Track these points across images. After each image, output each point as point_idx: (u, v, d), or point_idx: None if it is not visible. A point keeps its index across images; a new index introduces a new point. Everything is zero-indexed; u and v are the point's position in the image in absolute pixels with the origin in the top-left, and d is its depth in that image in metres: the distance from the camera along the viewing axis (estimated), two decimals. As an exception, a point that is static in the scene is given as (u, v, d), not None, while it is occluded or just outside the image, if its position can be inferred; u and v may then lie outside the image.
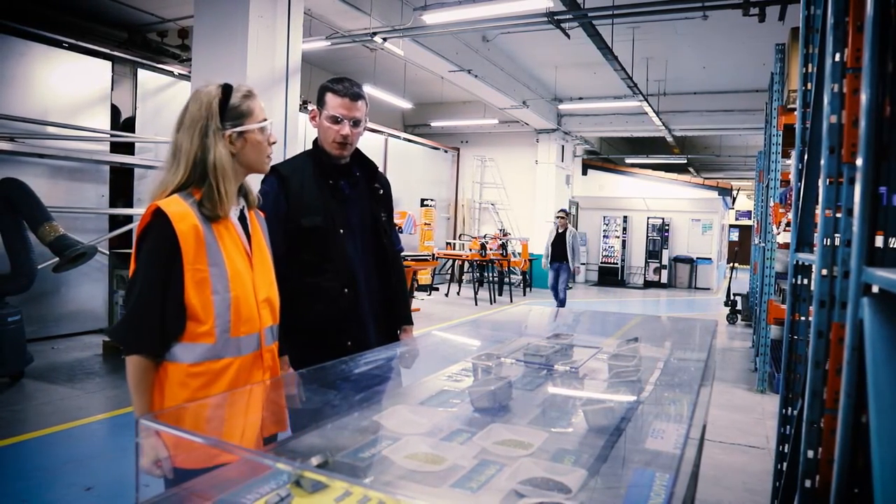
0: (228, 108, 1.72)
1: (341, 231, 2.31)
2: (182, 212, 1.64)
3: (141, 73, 8.32)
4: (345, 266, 2.30)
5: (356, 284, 2.32)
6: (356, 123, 2.30)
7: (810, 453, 1.86)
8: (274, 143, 1.82)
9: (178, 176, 1.69)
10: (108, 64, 8.01)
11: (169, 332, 1.64)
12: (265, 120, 1.78)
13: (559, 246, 10.49)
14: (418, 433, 1.61)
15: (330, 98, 2.28)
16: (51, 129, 7.37)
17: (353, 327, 2.34)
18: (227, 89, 1.74)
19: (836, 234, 1.85)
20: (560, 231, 10.58)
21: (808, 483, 1.86)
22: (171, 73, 8.66)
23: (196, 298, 1.64)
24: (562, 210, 11.07)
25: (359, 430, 1.71)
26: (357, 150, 2.42)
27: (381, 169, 2.55)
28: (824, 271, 1.85)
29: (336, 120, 2.27)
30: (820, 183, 1.99)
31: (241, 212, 1.82)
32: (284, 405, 1.87)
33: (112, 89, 8.04)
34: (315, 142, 2.40)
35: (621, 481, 1.41)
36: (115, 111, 8.24)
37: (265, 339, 1.81)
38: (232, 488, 1.28)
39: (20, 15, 7.33)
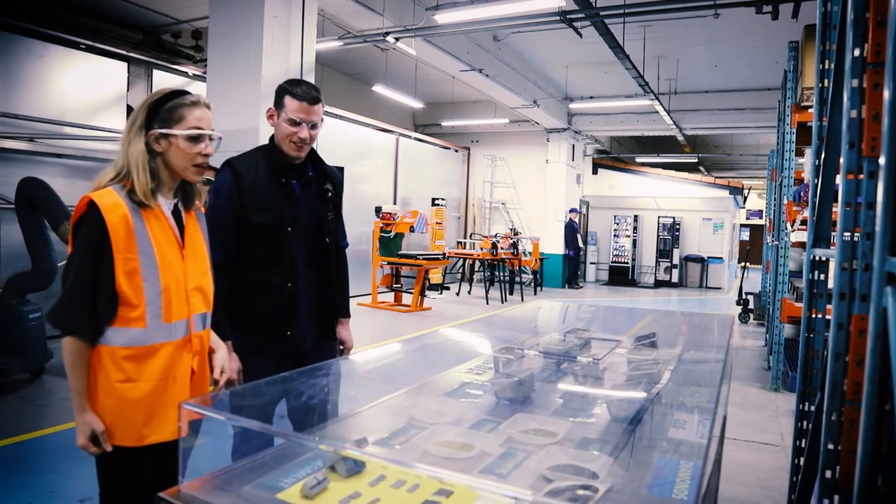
0: (161, 110, 1.82)
1: (289, 229, 2.43)
2: (113, 203, 1.73)
3: (156, 73, 8.41)
4: (289, 262, 2.43)
5: (297, 279, 2.45)
6: (313, 126, 2.40)
7: (830, 445, 1.88)
8: (206, 154, 1.88)
9: (116, 166, 1.81)
10: (124, 65, 8.10)
11: (101, 317, 1.74)
12: (192, 129, 1.83)
13: None
14: (445, 422, 1.65)
15: (289, 101, 2.36)
16: (68, 130, 7.46)
17: (293, 318, 2.46)
18: (170, 94, 1.85)
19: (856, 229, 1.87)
20: None
21: (828, 474, 1.88)
22: (185, 74, 8.74)
23: (127, 285, 1.74)
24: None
25: (386, 420, 1.75)
26: (312, 151, 2.53)
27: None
28: (844, 264, 1.87)
29: (295, 123, 2.36)
30: (839, 178, 2.01)
31: (176, 207, 1.92)
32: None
33: (128, 90, 8.13)
34: (272, 139, 2.48)
35: (647, 468, 1.44)
36: (130, 112, 8.32)
37: (194, 325, 1.91)
38: (270, 472, 1.32)
39: (38, 17, 7.43)
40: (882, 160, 1.29)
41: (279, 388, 1.86)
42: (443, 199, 14.60)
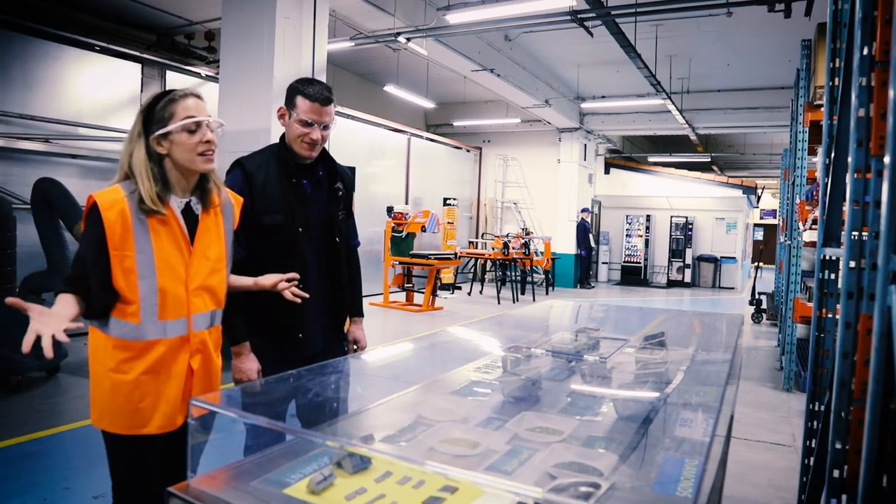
0: (154, 114, 1.84)
1: (300, 230, 2.40)
2: (112, 200, 1.77)
3: (169, 74, 8.49)
4: (300, 263, 2.37)
5: (308, 281, 2.39)
6: (325, 127, 2.36)
7: (838, 444, 1.88)
8: (206, 141, 1.85)
9: (119, 172, 1.86)
10: (138, 66, 8.19)
11: (97, 301, 1.78)
12: (186, 118, 1.82)
13: None
14: (452, 420, 1.66)
15: (300, 101, 2.32)
16: (83, 131, 7.55)
17: (304, 321, 2.43)
18: (159, 96, 1.86)
19: (864, 228, 1.87)
20: None
21: (836, 473, 1.87)
22: (198, 75, 8.82)
23: (123, 282, 1.78)
24: None
25: (393, 418, 1.76)
26: (323, 150, 2.48)
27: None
28: (852, 263, 1.86)
29: (306, 123, 2.33)
30: (848, 177, 2.00)
31: (188, 205, 1.92)
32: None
33: (142, 91, 8.21)
34: (282, 138, 2.45)
35: (652, 466, 1.45)
36: (144, 113, 8.40)
37: (194, 324, 1.92)
38: (277, 468, 1.34)
39: (54, 19, 7.52)
40: (887, 159, 1.29)
41: (289, 386, 1.88)
42: (454, 199, 14.62)
